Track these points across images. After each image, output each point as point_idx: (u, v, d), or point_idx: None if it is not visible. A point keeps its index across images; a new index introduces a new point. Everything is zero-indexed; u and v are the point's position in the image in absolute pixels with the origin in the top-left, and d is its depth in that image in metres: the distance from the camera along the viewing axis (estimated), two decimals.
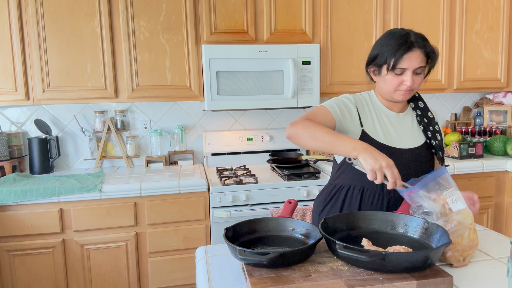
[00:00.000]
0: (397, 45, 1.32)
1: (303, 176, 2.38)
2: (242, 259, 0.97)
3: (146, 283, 2.29)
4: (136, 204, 2.22)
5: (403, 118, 1.48)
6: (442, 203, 1.10)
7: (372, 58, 1.41)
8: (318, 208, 1.55)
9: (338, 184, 1.49)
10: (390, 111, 1.47)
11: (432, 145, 1.44)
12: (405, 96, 1.38)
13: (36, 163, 2.51)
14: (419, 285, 0.90)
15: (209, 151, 2.80)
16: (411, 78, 1.33)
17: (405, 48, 1.31)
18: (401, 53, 1.31)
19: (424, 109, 1.49)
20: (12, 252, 2.12)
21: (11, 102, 2.33)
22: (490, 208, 2.70)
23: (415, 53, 1.32)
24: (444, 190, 1.10)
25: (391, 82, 1.36)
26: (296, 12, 2.56)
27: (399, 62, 1.32)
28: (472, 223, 1.10)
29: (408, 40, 1.32)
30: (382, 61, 1.36)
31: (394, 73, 1.35)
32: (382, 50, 1.36)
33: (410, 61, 1.32)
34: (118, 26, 2.38)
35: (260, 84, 2.46)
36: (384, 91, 1.42)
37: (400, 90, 1.37)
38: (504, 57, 2.88)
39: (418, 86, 1.38)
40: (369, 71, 1.46)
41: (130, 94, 2.43)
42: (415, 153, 1.42)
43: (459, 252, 1.06)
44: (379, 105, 1.48)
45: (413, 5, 2.71)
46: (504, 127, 3.04)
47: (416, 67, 1.32)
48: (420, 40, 1.34)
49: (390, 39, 1.35)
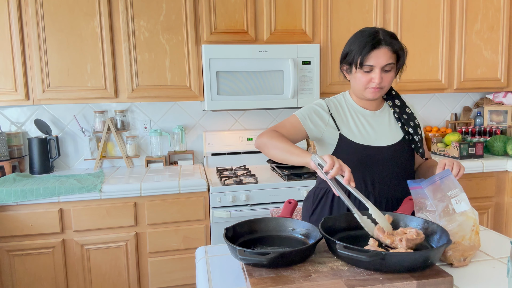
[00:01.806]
0: (364, 42, 1.34)
1: (303, 176, 2.38)
2: (242, 259, 0.97)
3: (146, 283, 2.29)
4: (136, 204, 2.22)
5: (380, 115, 1.48)
6: (446, 203, 1.10)
7: (343, 56, 1.42)
8: (307, 213, 1.54)
9: (324, 188, 1.49)
10: (365, 110, 1.48)
11: (414, 140, 1.44)
12: (375, 94, 1.39)
13: (36, 163, 2.51)
14: (419, 285, 0.90)
15: (209, 151, 2.80)
16: (379, 76, 1.33)
17: (372, 45, 1.32)
18: (367, 50, 1.32)
19: (401, 106, 1.49)
20: (12, 252, 2.12)
21: (11, 102, 2.33)
22: (490, 208, 2.70)
23: (382, 50, 1.32)
24: (449, 191, 1.11)
25: (361, 80, 1.38)
26: (296, 12, 2.56)
27: (365, 59, 1.33)
28: (474, 225, 1.10)
29: (376, 38, 1.33)
30: (351, 58, 1.37)
31: (362, 70, 1.36)
32: (351, 48, 1.38)
33: (377, 58, 1.32)
34: (118, 26, 2.38)
35: (260, 84, 2.46)
36: (356, 89, 1.43)
37: (370, 88, 1.38)
38: (504, 57, 2.88)
39: (388, 84, 1.39)
40: (342, 70, 1.47)
41: (130, 94, 2.43)
42: (394, 150, 1.42)
43: (459, 252, 1.06)
44: (354, 105, 1.49)
45: (413, 5, 2.71)
46: (504, 127, 3.04)
47: (383, 64, 1.33)
48: (387, 37, 1.34)
49: (359, 37, 1.37)
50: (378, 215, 1.11)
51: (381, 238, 1.05)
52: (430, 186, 1.12)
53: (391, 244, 1.03)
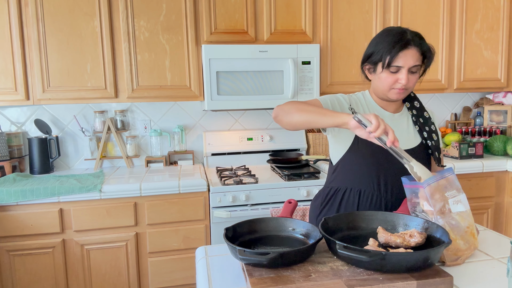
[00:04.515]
0: (393, 42, 1.30)
1: (303, 176, 2.38)
2: (242, 259, 0.97)
3: (146, 283, 2.29)
4: (136, 204, 2.22)
5: (399, 118, 1.46)
6: (443, 203, 1.10)
7: (368, 55, 1.39)
8: (315, 212, 1.53)
9: (334, 187, 1.47)
10: (385, 111, 1.45)
11: (428, 146, 1.43)
12: (400, 95, 1.36)
13: (36, 163, 2.51)
14: (419, 285, 0.90)
15: (209, 151, 2.80)
16: (406, 77, 1.31)
17: (401, 45, 1.29)
18: (396, 51, 1.29)
19: (419, 109, 1.47)
20: (12, 252, 2.12)
21: (11, 102, 2.34)
22: (490, 208, 2.70)
23: (411, 51, 1.30)
24: (447, 191, 1.10)
25: (386, 80, 1.34)
26: (296, 12, 2.56)
27: (394, 59, 1.30)
28: (469, 226, 1.10)
29: (404, 38, 1.30)
30: (378, 58, 1.34)
31: (389, 71, 1.33)
32: (378, 47, 1.34)
33: (406, 59, 1.30)
34: (118, 26, 2.38)
35: (260, 84, 2.46)
36: (379, 89, 1.40)
37: (395, 88, 1.35)
38: (504, 57, 2.88)
39: (413, 86, 1.36)
40: (364, 69, 1.44)
41: (130, 94, 2.43)
42: (412, 154, 1.40)
43: (452, 251, 1.07)
44: (374, 105, 1.47)
45: (413, 5, 2.71)
46: (504, 127, 3.04)
47: (411, 65, 1.31)
48: (416, 38, 1.32)
49: (386, 36, 1.33)
50: (423, 171, 1.12)
51: (391, 239, 1.05)
52: (430, 186, 1.11)
53: (402, 243, 1.03)
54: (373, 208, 1.38)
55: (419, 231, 1.05)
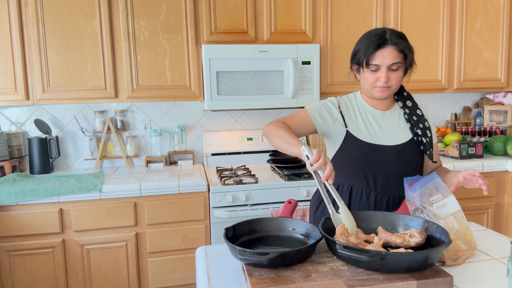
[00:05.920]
0: (371, 42, 1.36)
1: (303, 176, 2.38)
2: (242, 259, 0.97)
3: (146, 283, 2.29)
4: (136, 204, 2.22)
5: (389, 115, 1.50)
6: (429, 208, 1.12)
7: (352, 56, 1.45)
8: (313, 208, 1.59)
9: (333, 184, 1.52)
10: (375, 110, 1.50)
11: (422, 142, 1.46)
12: (383, 93, 1.41)
13: (36, 163, 2.51)
14: (419, 285, 0.90)
15: (209, 151, 2.80)
16: (385, 75, 1.36)
17: (377, 44, 1.35)
18: (372, 50, 1.35)
19: (412, 107, 1.51)
20: (12, 252, 2.12)
21: (11, 102, 2.33)
22: (490, 208, 2.70)
23: (387, 50, 1.35)
24: (432, 196, 1.14)
25: (368, 79, 1.41)
26: (296, 12, 2.56)
27: (371, 58, 1.36)
28: (465, 226, 1.12)
29: (382, 37, 1.35)
30: (359, 58, 1.40)
31: (369, 70, 1.39)
32: (359, 47, 1.41)
33: (383, 57, 1.35)
34: (118, 26, 2.38)
35: (260, 84, 2.46)
36: (364, 88, 1.46)
37: (377, 87, 1.40)
38: (504, 57, 2.88)
39: (396, 83, 1.40)
40: (352, 70, 1.50)
41: (130, 94, 2.43)
42: (400, 150, 1.44)
43: (452, 251, 1.08)
44: (364, 104, 1.52)
45: (413, 5, 2.71)
46: (504, 127, 3.04)
47: (389, 63, 1.35)
48: (394, 37, 1.36)
49: (367, 37, 1.39)
50: (347, 215, 1.13)
51: (391, 239, 1.06)
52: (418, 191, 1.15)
53: (402, 243, 1.04)
54: (364, 201, 1.43)
55: (419, 231, 1.05)
